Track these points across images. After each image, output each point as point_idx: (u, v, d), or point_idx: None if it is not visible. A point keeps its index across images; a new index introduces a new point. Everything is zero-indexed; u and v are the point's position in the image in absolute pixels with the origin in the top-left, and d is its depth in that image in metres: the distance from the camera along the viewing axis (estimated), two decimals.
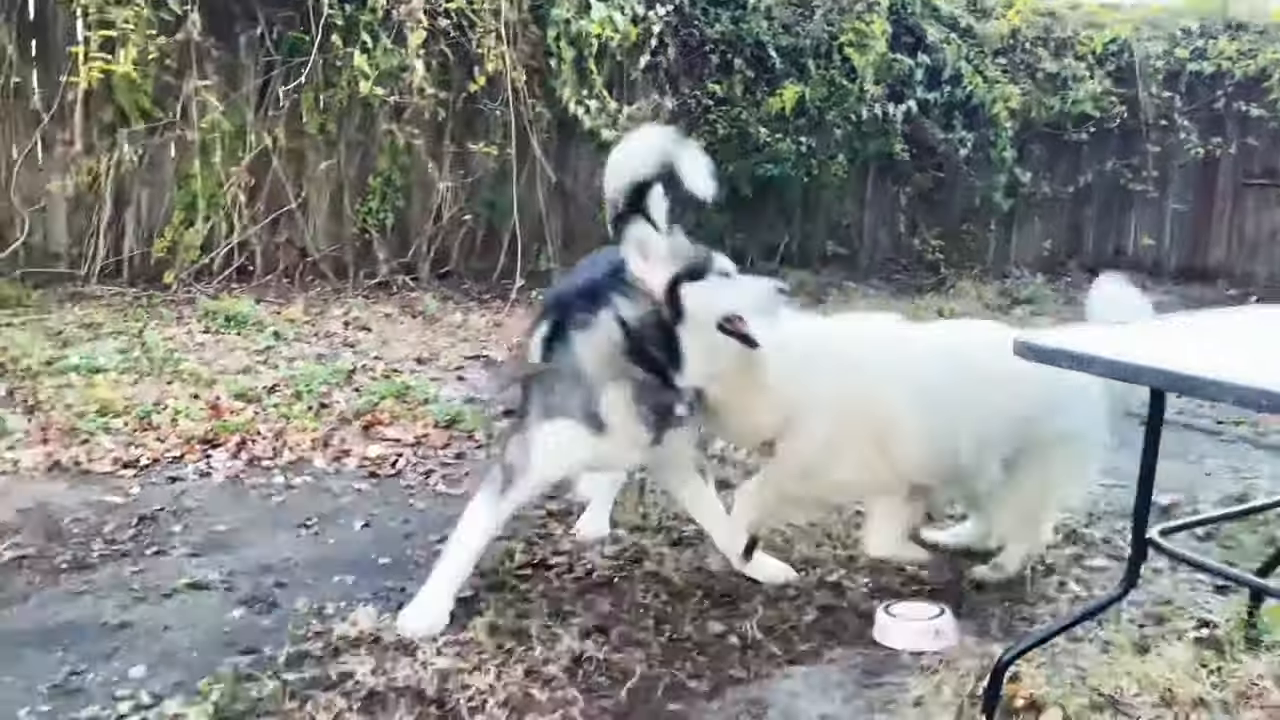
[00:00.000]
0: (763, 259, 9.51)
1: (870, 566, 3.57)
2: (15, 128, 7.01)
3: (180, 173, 7.36)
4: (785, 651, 2.99)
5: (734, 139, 8.80)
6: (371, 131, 7.72)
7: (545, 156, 8.06)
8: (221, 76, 7.25)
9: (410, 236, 8.16)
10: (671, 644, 2.99)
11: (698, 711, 2.67)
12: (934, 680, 2.79)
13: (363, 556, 3.53)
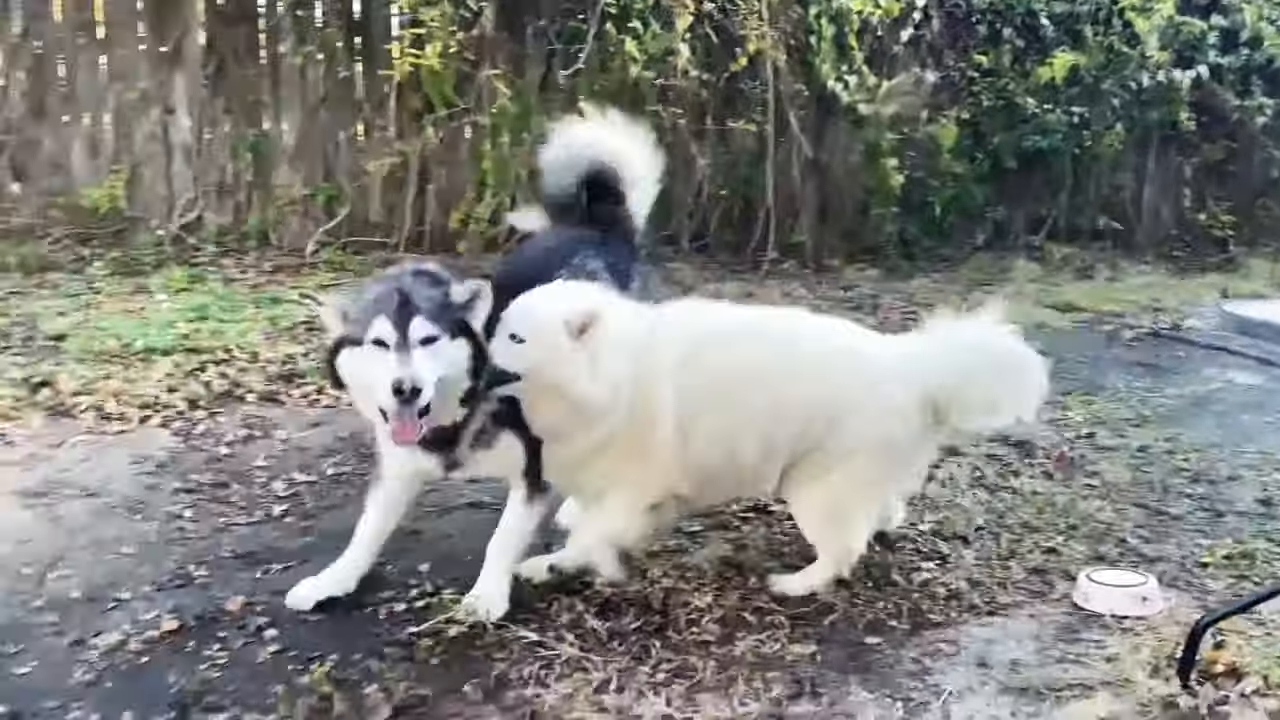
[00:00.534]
0: (1027, 232, 9.30)
1: (1089, 534, 3.65)
2: (342, 116, 8.10)
3: (474, 153, 8.21)
4: (987, 604, 3.17)
5: (1000, 111, 8.66)
6: (641, 112, 8.25)
7: (802, 133, 8.29)
8: (509, 66, 8.01)
9: (672, 210, 8.65)
10: (877, 587, 3.24)
11: (892, 645, 2.92)
12: (1132, 641, 2.89)
13: None
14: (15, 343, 5.39)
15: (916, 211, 8.92)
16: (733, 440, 3.02)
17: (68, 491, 3.77)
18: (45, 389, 4.68)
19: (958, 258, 8.88)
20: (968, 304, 7.23)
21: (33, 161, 7.63)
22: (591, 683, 2.68)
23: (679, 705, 2.59)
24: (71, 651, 2.76)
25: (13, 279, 6.72)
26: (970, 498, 3.94)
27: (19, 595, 3.03)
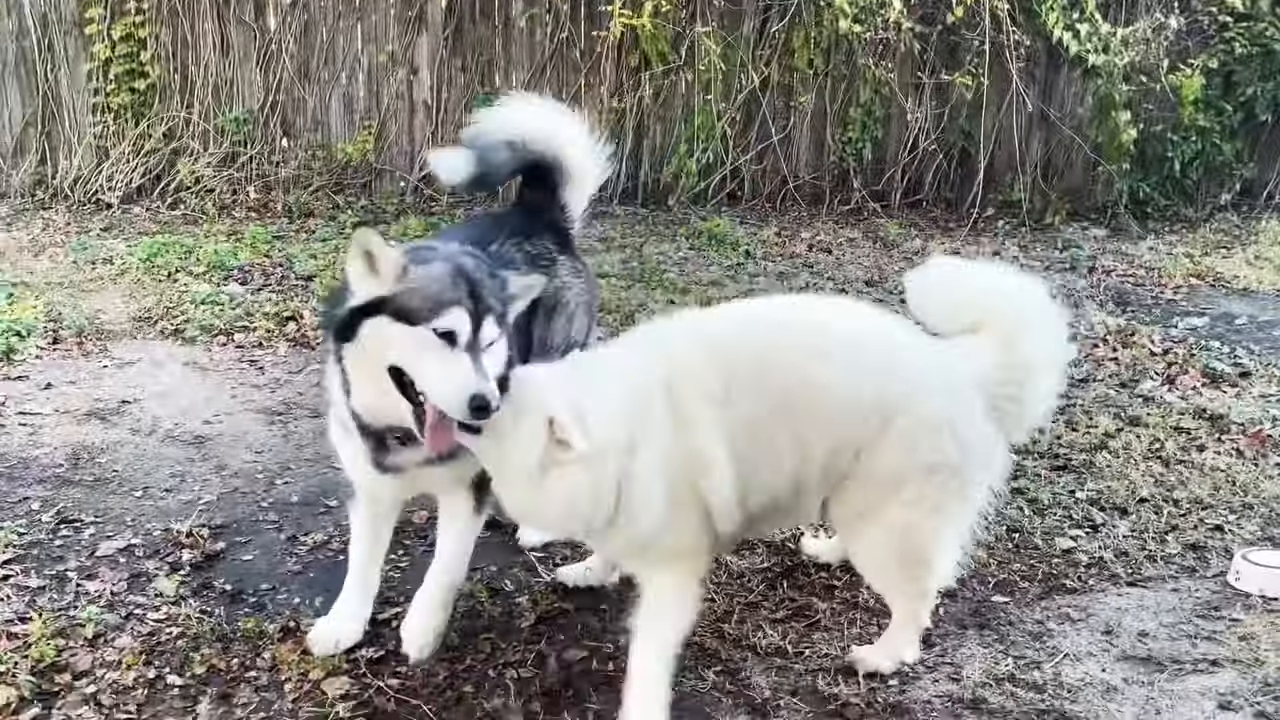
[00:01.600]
0: None
1: (1266, 515, 3.49)
2: (563, 75, 8.53)
3: (687, 109, 8.44)
4: (1130, 574, 3.14)
5: (1255, 58, 7.93)
6: (854, 66, 8.19)
7: (1024, 85, 7.94)
8: (723, 21, 8.14)
9: (885, 166, 8.55)
10: (1016, 549, 3.28)
11: (1019, 605, 2.97)
12: (1273, 621, 2.80)
13: None
14: (273, 281, 6.17)
15: (1153, 168, 8.34)
16: (779, 463, 2.49)
17: (300, 412, 4.37)
18: (292, 323, 5.38)
19: (1197, 219, 8.26)
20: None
21: (299, 118, 8.54)
22: (716, 612, 2.91)
23: (792, 640, 2.78)
24: (286, 545, 3.28)
25: (280, 224, 7.62)
26: (1141, 469, 3.83)
27: (253, 496, 3.61)
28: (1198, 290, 6.55)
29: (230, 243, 6.87)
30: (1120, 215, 8.17)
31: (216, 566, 3.13)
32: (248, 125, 8.25)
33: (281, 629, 2.79)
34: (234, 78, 8.26)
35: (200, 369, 4.77)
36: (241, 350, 5.04)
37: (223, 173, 8.15)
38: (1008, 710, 2.49)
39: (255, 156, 8.28)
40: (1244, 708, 2.49)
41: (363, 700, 2.51)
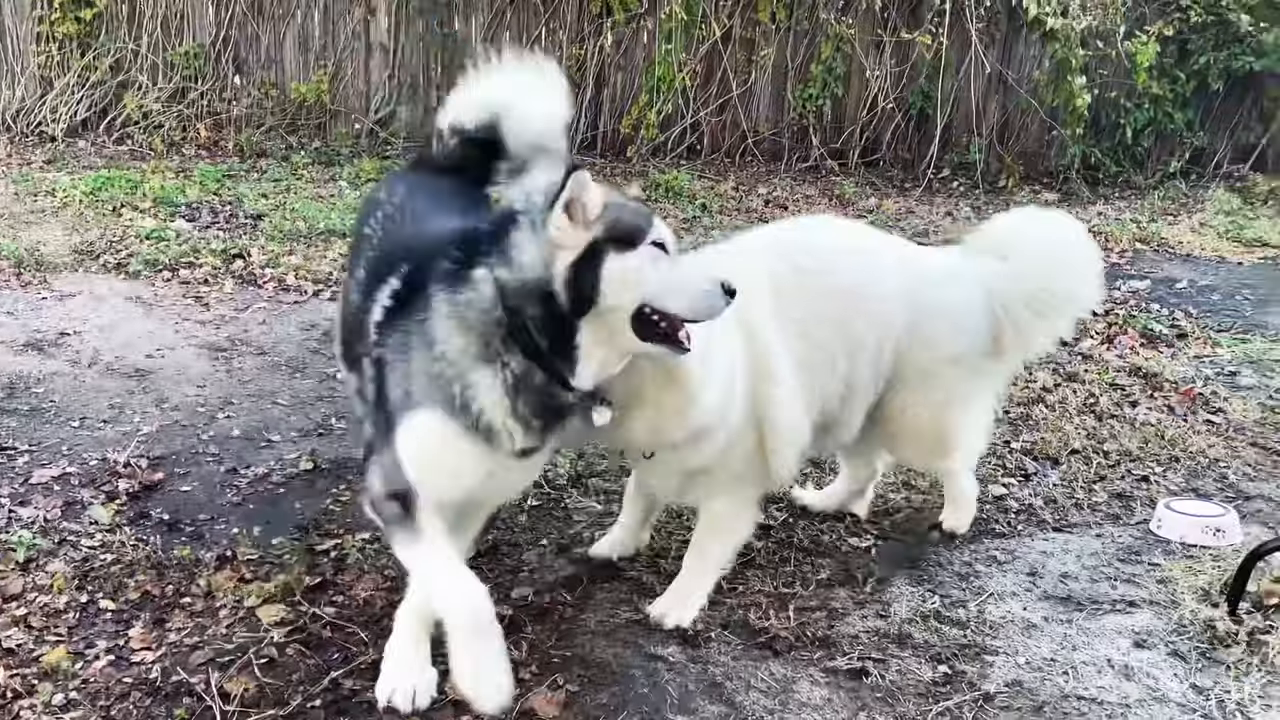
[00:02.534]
0: (1232, 162, 8.66)
1: (1191, 468, 3.59)
2: (524, 20, 8.41)
3: (648, 59, 8.38)
4: (1057, 520, 3.23)
5: (1209, 27, 8.03)
6: (816, 21, 8.16)
7: (983, 46, 7.98)
8: None
9: (844, 124, 8.57)
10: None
11: (949, 548, 3.04)
12: (1192, 567, 2.90)
13: None
14: (221, 219, 6.07)
15: (1106, 134, 8.45)
16: (834, 364, 2.72)
17: (245, 349, 4.33)
18: (239, 260, 5.31)
19: (1146, 185, 8.39)
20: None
21: (252, 55, 8.36)
22: (654, 548, 2.95)
23: (726, 576, 2.82)
24: (226, 478, 3.27)
25: (230, 162, 7.48)
26: (1075, 422, 3.92)
27: (193, 429, 3.58)
28: (1142, 255, 6.66)
29: (179, 179, 6.75)
30: (1072, 180, 8.28)
31: (153, 496, 3.11)
32: (199, 60, 8.07)
33: (218, 557, 2.79)
34: (185, 10, 8.06)
35: (143, 303, 4.70)
36: (186, 286, 4.97)
37: (172, 108, 7.97)
38: (931, 645, 2.56)
39: (206, 93, 8.11)
40: (1158, 645, 2.58)
41: (298, 626, 2.52)
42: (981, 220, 6.37)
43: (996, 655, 2.53)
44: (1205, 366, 4.65)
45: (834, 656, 2.50)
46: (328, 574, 2.74)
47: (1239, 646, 2.54)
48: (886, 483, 3.38)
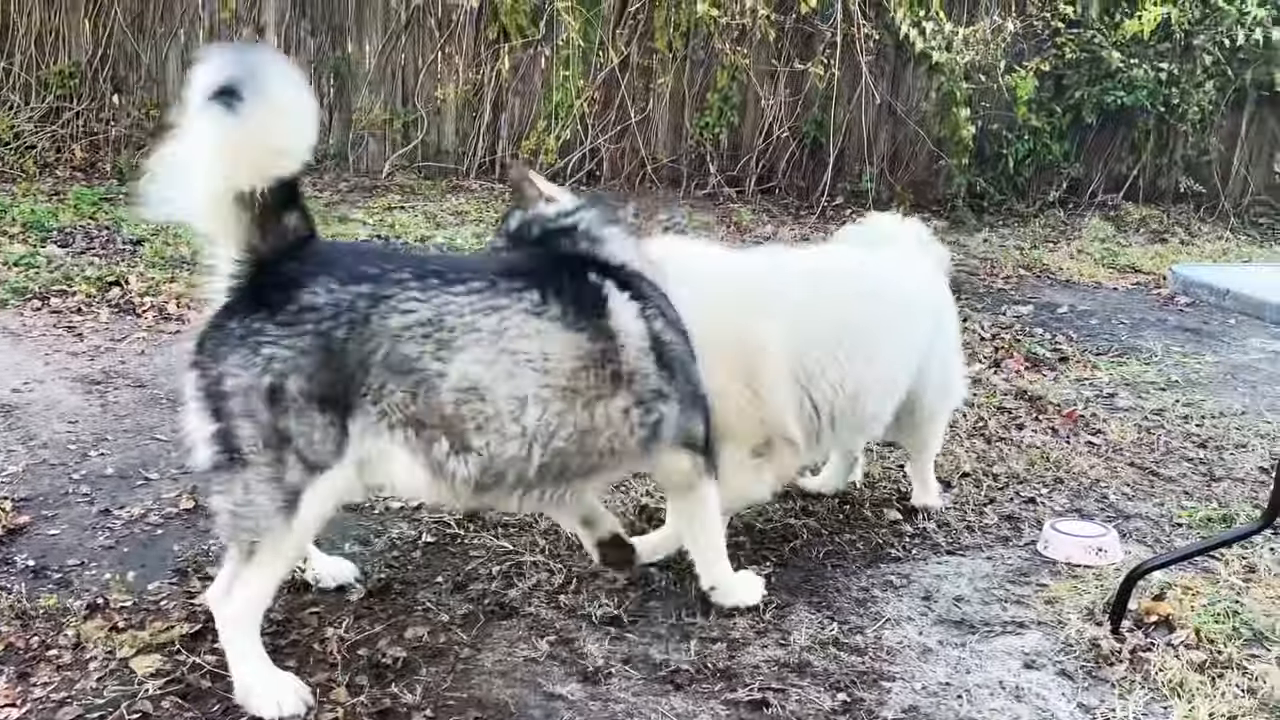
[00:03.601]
0: (1105, 191, 9.08)
1: (1074, 489, 3.71)
2: (419, 44, 8.33)
3: (546, 85, 8.37)
4: (950, 544, 3.28)
5: (1083, 64, 8.42)
6: (712, 51, 8.28)
7: (874, 78, 8.21)
8: None
9: (741, 152, 8.70)
10: (846, 522, 3.39)
11: (846, 574, 3.06)
12: (1077, 587, 2.98)
13: None
14: (97, 245, 5.81)
15: (989, 164, 8.76)
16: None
17: (121, 381, 4.13)
18: (116, 288, 5.08)
19: (1028, 213, 8.73)
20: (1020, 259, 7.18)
21: (132, 74, 8.06)
22: (553, 583, 2.90)
23: (627, 609, 2.79)
24: (99, 519, 3.09)
25: (108, 185, 7.18)
26: (965, 446, 4.02)
27: (63, 468, 3.39)
28: (1025, 280, 6.91)
29: (51, 203, 6.46)
30: (959, 208, 8.55)
31: (18, 541, 2.93)
32: (74, 79, 7.75)
33: (88, 605, 2.63)
34: (60, 27, 7.75)
35: (10, 334, 4.46)
36: (58, 315, 4.73)
37: (45, 129, 7.63)
38: (830, 673, 2.56)
39: (82, 113, 7.80)
40: (1047, 666, 2.63)
41: (175, 678, 2.38)
42: None
43: (894, 681, 2.54)
44: (1086, 389, 4.83)
45: (735, 688, 2.48)
46: (208, 620, 2.60)
47: (1122, 664, 2.61)
48: (785, 508, 3.41)
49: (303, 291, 2.24)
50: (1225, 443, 4.21)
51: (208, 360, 2.25)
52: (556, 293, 2.42)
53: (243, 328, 2.22)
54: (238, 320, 2.23)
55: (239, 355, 2.22)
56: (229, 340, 2.23)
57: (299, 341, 2.22)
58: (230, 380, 2.21)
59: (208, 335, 2.26)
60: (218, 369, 2.22)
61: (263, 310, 2.23)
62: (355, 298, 2.27)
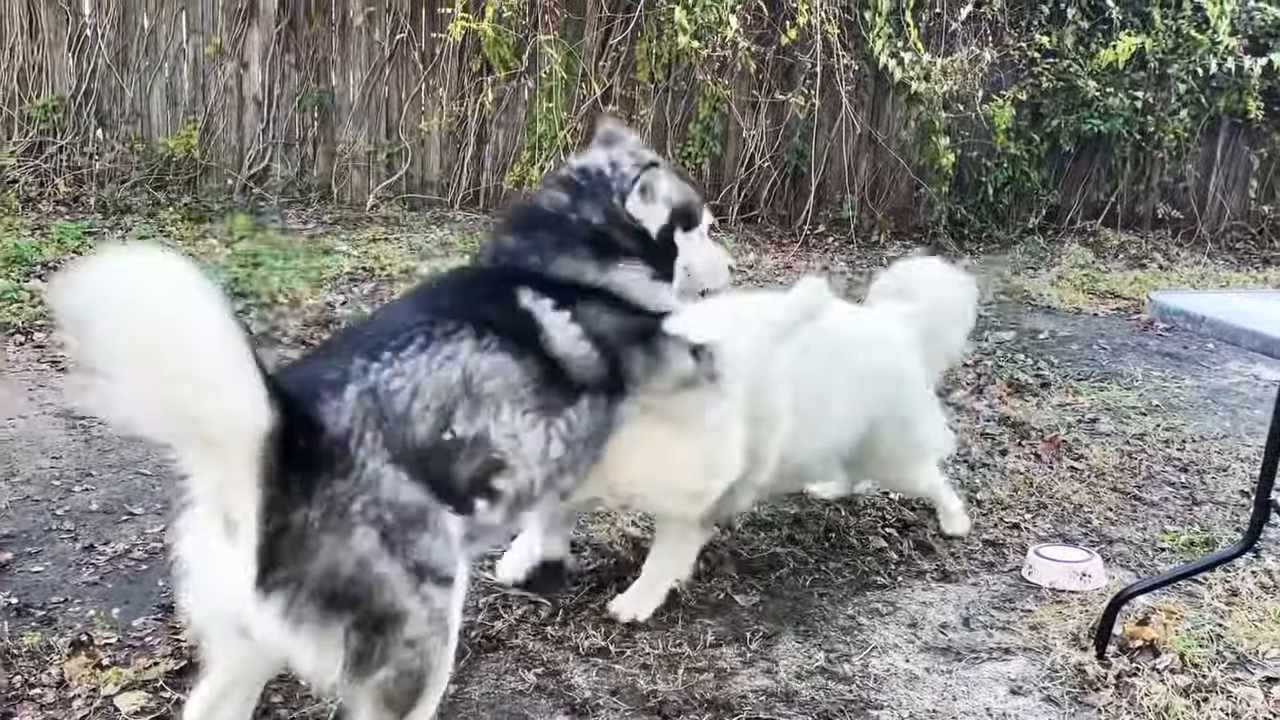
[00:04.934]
0: (1084, 218, 9.17)
1: (1057, 514, 3.73)
2: (403, 77, 8.37)
3: (529, 116, 8.42)
4: (935, 570, 3.30)
5: (1060, 92, 8.53)
6: (694, 82, 8.36)
7: (854, 108, 8.30)
8: (565, 32, 8.16)
9: (723, 181, 8.75)
10: (832, 549, 3.40)
11: (832, 602, 3.07)
12: (1062, 612, 3.00)
13: None
14: None
15: (969, 192, 8.85)
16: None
17: None
18: None
19: (1008, 240, 8.81)
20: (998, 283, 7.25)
21: (116, 108, 8.07)
22: (541, 615, 2.90)
23: (614, 640, 2.79)
24: (83, 555, 3.08)
25: (92, 219, 7.17)
26: (950, 472, 4.02)
27: (46, 503, 3.37)
28: (1006, 307, 6.97)
29: (35, 237, 6.43)
30: (940, 235, 8.62)
31: (1, 579, 2.91)
32: (58, 113, 7.75)
33: (72, 643, 2.61)
34: (43, 62, 7.75)
35: None
36: (42, 350, 4.71)
37: (28, 163, 7.62)
38: (818, 702, 2.57)
39: (66, 147, 7.79)
40: (1033, 692, 2.65)
41: (161, 715, 2.37)
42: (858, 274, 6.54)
43: (881, 710, 2.55)
44: (1068, 414, 4.87)
45: (723, 719, 2.49)
46: (193, 656, 2.59)
47: (1108, 690, 2.63)
48: (771, 537, 3.42)
49: (323, 430, 1.99)
50: (1206, 466, 4.25)
51: (297, 569, 1.92)
52: (490, 326, 2.27)
53: (319, 505, 1.94)
54: (304, 506, 1.92)
55: (335, 535, 1.95)
56: (312, 532, 1.93)
57: (367, 470, 2.00)
58: (344, 565, 1.95)
59: (275, 549, 1.91)
60: (318, 567, 1.93)
61: (321, 474, 1.96)
62: (359, 398, 2.05)
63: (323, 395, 2.04)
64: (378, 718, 2.05)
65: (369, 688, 2.02)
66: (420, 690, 2.07)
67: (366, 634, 1.98)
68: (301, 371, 2.22)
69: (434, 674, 2.08)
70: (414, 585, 2.02)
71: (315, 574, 1.93)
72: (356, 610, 1.96)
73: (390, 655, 2.01)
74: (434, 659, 2.07)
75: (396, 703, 2.05)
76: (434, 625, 2.06)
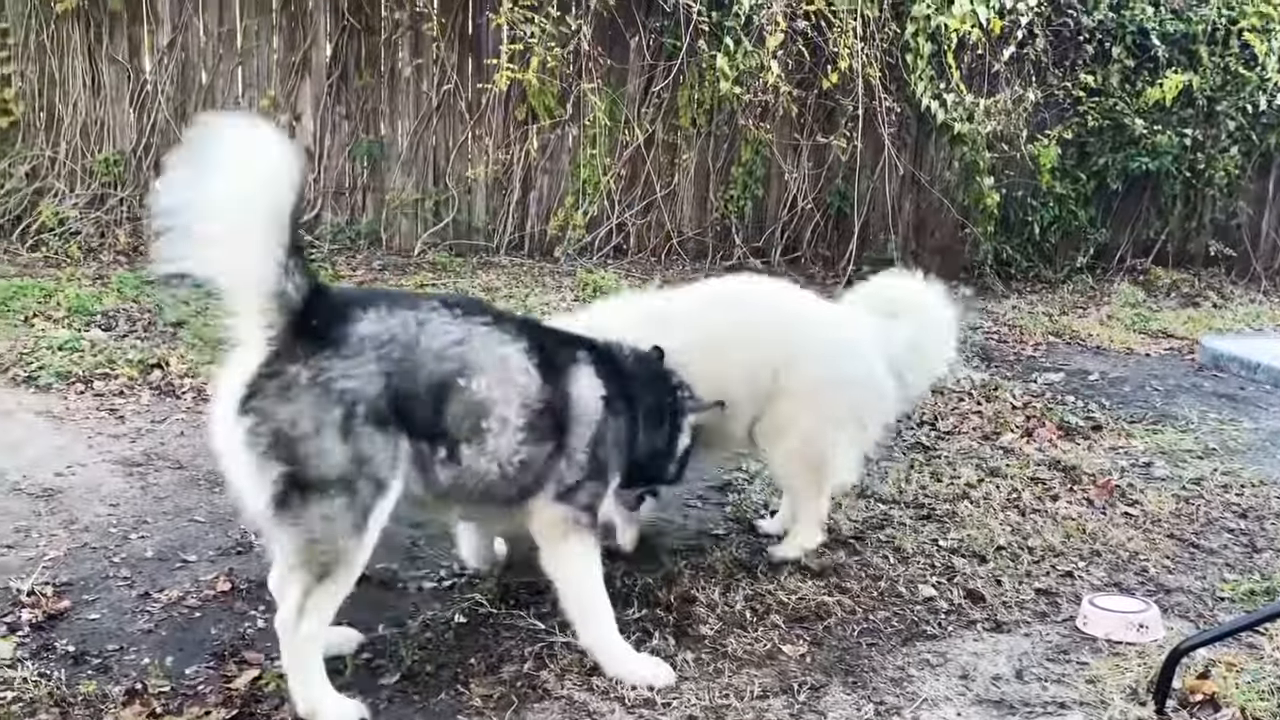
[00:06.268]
0: (1133, 256, 9.07)
1: (1112, 562, 3.66)
2: (450, 126, 8.54)
3: (573, 163, 8.54)
4: (986, 619, 3.24)
5: (1106, 131, 8.49)
6: (735, 126, 8.43)
7: (895, 149, 8.31)
8: (608, 80, 8.29)
9: (766, 223, 8.80)
10: (881, 598, 3.36)
11: (881, 653, 3.03)
12: (1119, 665, 2.93)
13: None
14: (139, 327, 5.94)
15: (1015, 231, 8.80)
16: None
17: (161, 464, 4.20)
18: (157, 370, 5.19)
19: (1056, 280, 8.73)
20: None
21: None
22: (586, 665, 2.89)
23: (661, 692, 2.77)
24: (138, 603, 3.13)
25: (150, 269, 7.36)
26: (1000, 518, 3.98)
27: (103, 551, 3.44)
28: (1055, 347, 6.89)
29: (95, 287, 6.61)
30: (986, 275, 8.56)
31: (59, 626, 2.97)
32: (119, 166, 7.99)
33: (127, 691, 2.65)
34: (105, 118, 8.01)
35: (54, 418, 4.55)
36: (101, 399, 4.83)
37: (90, 214, 7.85)
38: None
39: (126, 199, 8.02)
40: None
41: None
42: None
43: None
44: (1120, 458, 4.78)
45: None
46: (244, 705, 2.62)
47: None
48: (818, 585, 3.38)
49: (359, 323, 2.45)
50: (1266, 512, 4.15)
51: (271, 406, 2.37)
52: (540, 347, 2.74)
53: (310, 368, 2.38)
54: (300, 363, 2.38)
55: (311, 395, 2.38)
56: (295, 383, 2.37)
57: (365, 369, 2.42)
58: (305, 421, 2.37)
59: (262, 384, 2.38)
60: (285, 412, 2.36)
61: (327, 347, 2.40)
62: (404, 323, 2.50)
63: (375, 304, 2.52)
64: (297, 570, 2.45)
65: (288, 538, 2.44)
66: (329, 561, 2.42)
67: (293, 485, 2.38)
68: (385, 290, 2.63)
69: (341, 558, 2.43)
70: (350, 471, 2.40)
71: (280, 416, 2.36)
72: (294, 463, 2.36)
73: (303, 517, 2.39)
74: (342, 543, 2.42)
75: (306, 562, 2.43)
76: (350, 514, 2.41)
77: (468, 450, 2.61)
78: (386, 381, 2.44)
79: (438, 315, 2.58)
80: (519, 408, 2.65)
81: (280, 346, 2.39)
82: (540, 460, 2.73)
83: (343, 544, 2.43)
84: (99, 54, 7.91)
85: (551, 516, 2.80)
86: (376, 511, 2.46)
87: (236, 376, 2.42)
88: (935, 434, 5.01)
